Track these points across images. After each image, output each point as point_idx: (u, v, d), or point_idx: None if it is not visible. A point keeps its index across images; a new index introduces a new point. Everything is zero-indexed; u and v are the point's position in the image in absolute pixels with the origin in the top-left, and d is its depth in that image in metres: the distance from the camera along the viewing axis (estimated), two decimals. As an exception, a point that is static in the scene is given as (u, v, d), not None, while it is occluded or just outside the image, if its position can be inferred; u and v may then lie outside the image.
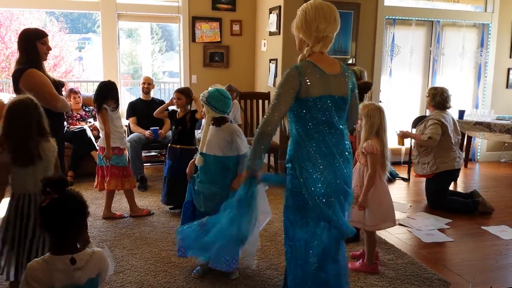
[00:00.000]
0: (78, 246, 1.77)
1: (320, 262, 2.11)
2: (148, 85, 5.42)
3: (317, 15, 2.09)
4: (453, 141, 4.39)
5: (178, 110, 4.21)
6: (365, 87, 3.57)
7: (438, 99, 4.42)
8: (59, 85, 3.34)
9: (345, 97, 2.15)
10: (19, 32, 3.33)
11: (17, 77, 3.14)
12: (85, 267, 1.68)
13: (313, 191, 2.08)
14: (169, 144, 4.25)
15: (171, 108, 4.41)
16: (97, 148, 4.21)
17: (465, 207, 4.31)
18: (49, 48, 3.33)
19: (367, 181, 2.93)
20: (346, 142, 2.20)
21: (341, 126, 2.16)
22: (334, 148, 2.12)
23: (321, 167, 2.09)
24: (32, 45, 3.20)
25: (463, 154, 5.86)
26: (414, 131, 5.83)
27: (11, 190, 2.37)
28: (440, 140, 4.29)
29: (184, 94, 4.15)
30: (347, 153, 2.19)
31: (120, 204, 4.27)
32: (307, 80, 2.05)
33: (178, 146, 4.12)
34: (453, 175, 4.45)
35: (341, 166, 2.14)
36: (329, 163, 2.10)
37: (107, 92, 3.83)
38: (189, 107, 4.21)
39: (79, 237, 1.74)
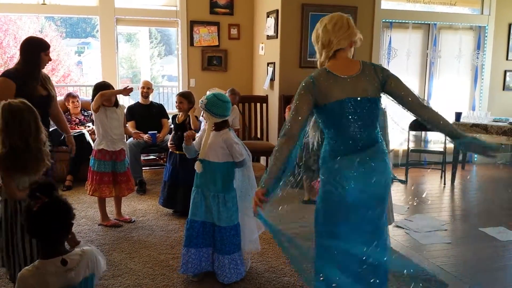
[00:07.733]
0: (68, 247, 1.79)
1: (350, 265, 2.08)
2: (147, 89, 5.43)
3: (324, 28, 2.15)
4: None
5: (179, 114, 4.18)
6: None
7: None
8: (41, 101, 3.14)
9: (369, 97, 2.09)
10: (16, 36, 3.33)
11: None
12: (78, 266, 1.68)
13: (342, 198, 2.07)
14: (169, 149, 4.26)
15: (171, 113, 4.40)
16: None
17: None
18: (50, 59, 3.32)
19: None
20: (380, 143, 2.14)
21: (372, 130, 2.12)
22: (364, 153, 2.08)
23: (350, 173, 2.06)
24: (36, 56, 3.18)
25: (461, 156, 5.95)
26: (412, 134, 5.89)
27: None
28: None
29: (186, 99, 4.13)
30: (379, 159, 2.12)
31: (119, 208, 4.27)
32: (322, 86, 2.06)
33: (178, 152, 4.08)
34: None
35: (372, 172, 2.08)
36: (359, 170, 2.06)
37: (100, 86, 3.80)
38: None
39: (65, 239, 1.75)
